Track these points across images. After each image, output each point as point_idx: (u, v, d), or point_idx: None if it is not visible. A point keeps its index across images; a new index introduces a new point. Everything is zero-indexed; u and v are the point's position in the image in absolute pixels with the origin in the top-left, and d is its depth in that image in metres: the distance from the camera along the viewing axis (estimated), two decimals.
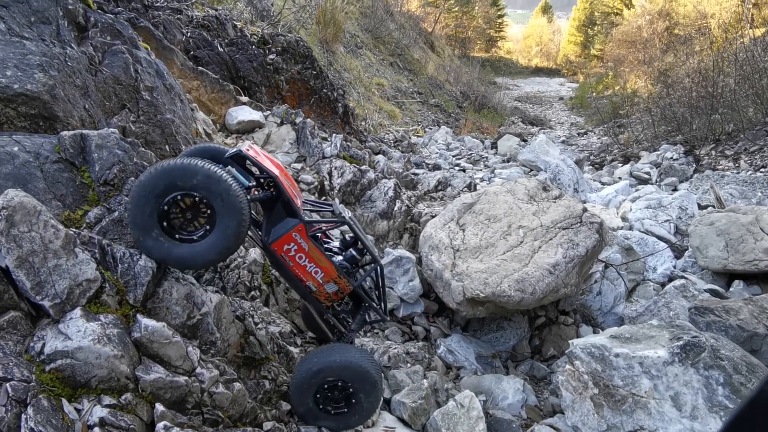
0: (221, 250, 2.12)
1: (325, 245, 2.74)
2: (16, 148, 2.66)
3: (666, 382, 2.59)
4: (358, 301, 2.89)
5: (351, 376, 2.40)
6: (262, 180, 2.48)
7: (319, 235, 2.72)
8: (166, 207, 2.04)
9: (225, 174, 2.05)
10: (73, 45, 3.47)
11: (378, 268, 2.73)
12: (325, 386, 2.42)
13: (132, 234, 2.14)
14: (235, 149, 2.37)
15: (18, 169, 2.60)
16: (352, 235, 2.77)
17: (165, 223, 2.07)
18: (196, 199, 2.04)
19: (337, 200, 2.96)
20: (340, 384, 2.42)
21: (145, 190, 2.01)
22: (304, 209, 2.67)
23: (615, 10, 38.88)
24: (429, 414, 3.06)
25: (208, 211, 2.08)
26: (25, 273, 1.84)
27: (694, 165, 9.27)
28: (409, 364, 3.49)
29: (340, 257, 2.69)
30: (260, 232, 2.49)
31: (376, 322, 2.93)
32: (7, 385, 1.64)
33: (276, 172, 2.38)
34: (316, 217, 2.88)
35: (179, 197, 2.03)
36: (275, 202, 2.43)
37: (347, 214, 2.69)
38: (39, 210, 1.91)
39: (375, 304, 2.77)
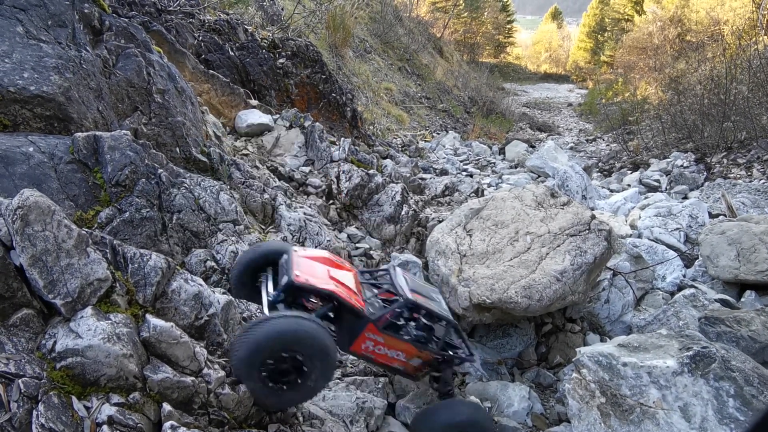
0: (319, 390, 2.29)
1: (392, 302, 2.77)
2: (31, 149, 2.72)
3: (675, 392, 2.55)
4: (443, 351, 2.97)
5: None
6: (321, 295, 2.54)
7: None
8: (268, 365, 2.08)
9: (318, 333, 2.10)
10: (88, 48, 3.54)
11: (452, 327, 2.85)
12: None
13: (244, 383, 2.21)
14: (286, 280, 2.38)
15: (33, 169, 2.65)
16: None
17: (266, 374, 2.10)
18: (298, 357, 2.11)
19: (393, 266, 3.03)
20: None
21: (251, 357, 2.03)
22: (363, 282, 2.82)
23: (626, 17, 38.68)
24: None
25: (305, 365, 2.13)
26: (38, 271, 1.87)
27: (705, 173, 9.16)
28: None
29: (413, 324, 2.77)
30: (335, 334, 2.61)
31: (464, 362, 3.07)
32: (20, 381, 1.66)
33: (331, 287, 2.45)
34: (376, 295, 2.89)
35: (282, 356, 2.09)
36: (340, 310, 2.55)
37: (405, 284, 2.78)
38: (53, 210, 1.94)
39: (460, 355, 2.92)
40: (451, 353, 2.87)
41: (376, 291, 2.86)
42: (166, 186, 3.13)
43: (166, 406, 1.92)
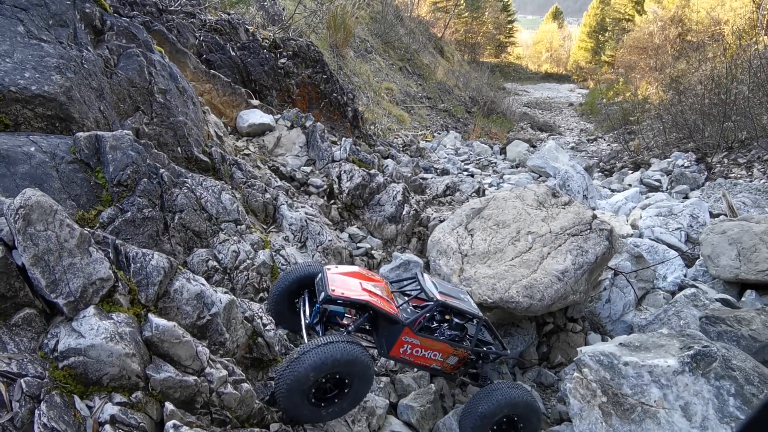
0: (358, 402, 2.46)
1: (423, 307, 2.94)
2: (32, 149, 2.72)
3: (676, 391, 2.55)
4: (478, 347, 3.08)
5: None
6: (357, 305, 2.70)
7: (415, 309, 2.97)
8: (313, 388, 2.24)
9: (365, 357, 2.28)
10: (89, 48, 3.54)
11: (482, 323, 2.95)
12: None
13: (283, 407, 2.29)
14: (323, 295, 2.54)
15: (34, 168, 2.65)
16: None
17: (312, 398, 2.27)
18: (338, 376, 2.27)
19: (420, 272, 3.23)
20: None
21: (298, 383, 2.18)
22: (393, 291, 3.01)
23: (626, 17, 38.62)
24: (436, 418, 3.06)
25: (346, 381, 2.31)
26: (40, 271, 1.87)
27: (706, 173, 9.15)
28: (415, 369, 3.49)
29: (445, 325, 2.89)
30: (373, 343, 2.83)
31: (500, 357, 3.20)
32: (22, 381, 1.66)
33: (366, 297, 2.60)
34: (407, 302, 3.05)
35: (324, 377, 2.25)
36: (376, 318, 2.72)
37: (434, 287, 2.93)
38: (55, 209, 1.94)
39: (494, 349, 3.04)
40: (485, 349, 2.99)
41: (406, 299, 3.05)
42: (167, 186, 3.14)
43: (169, 406, 1.92)
